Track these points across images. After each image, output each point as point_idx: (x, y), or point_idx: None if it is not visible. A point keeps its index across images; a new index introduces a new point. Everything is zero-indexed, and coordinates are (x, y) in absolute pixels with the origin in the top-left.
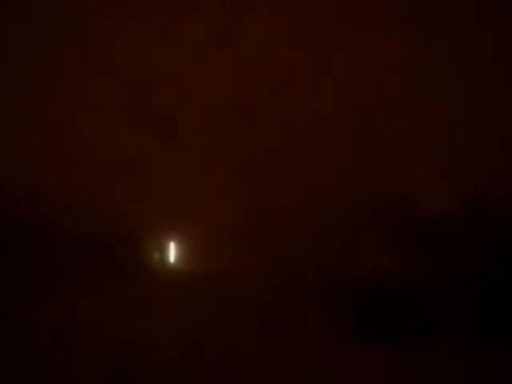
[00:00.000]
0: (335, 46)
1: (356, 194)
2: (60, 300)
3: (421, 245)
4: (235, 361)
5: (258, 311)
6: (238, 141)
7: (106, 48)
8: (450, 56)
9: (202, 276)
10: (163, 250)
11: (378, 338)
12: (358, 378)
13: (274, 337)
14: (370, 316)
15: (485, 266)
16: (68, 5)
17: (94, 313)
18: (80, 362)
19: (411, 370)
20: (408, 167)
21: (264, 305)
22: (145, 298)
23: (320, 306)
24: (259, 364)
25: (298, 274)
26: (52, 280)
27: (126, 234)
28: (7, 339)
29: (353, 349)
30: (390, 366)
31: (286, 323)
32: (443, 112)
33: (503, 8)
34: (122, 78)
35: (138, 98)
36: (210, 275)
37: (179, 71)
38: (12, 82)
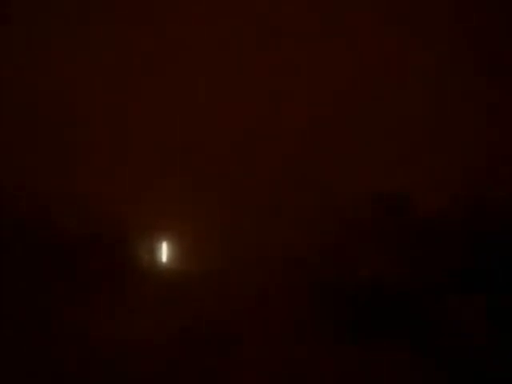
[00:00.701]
0: (334, 45)
1: (356, 194)
2: (60, 300)
3: (420, 245)
4: (234, 361)
5: (256, 311)
6: (238, 141)
7: (106, 49)
8: (451, 56)
9: (201, 275)
10: (162, 250)
11: (377, 338)
12: (357, 378)
13: (272, 336)
14: (370, 316)
15: (485, 266)
16: (68, 5)
17: (93, 312)
18: (80, 361)
19: (410, 370)
20: (408, 167)
21: (262, 304)
22: (145, 297)
23: (319, 307)
24: (258, 363)
25: (296, 273)
26: (51, 280)
27: (125, 234)
28: (7, 339)
29: (351, 349)
30: (389, 366)
31: (284, 323)
32: (443, 112)
33: (503, 8)
34: (122, 78)
35: (138, 98)
36: (210, 274)
37: (179, 72)
38: (11, 82)
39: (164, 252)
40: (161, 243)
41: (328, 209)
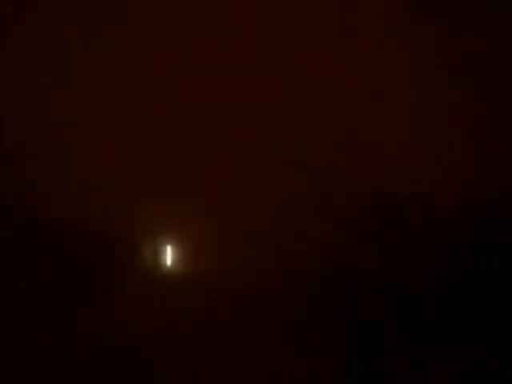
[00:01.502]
0: (336, 45)
1: (355, 194)
2: (59, 300)
3: (420, 245)
4: (234, 361)
5: (256, 311)
6: (239, 141)
7: (106, 49)
8: (452, 57)
9: (201, 275)
10: (162, 250)
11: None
12: None
13: (272, 336)
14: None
15: (485, 266)
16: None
17: (93, 312)
18: (79, 360)
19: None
20: (408, 167)
21: (262, 304)
22: (145, 297)
23: (319, 307)
24: (258, 363)
25: (296, 274)
26: (50, 280)
27: (125, 234)
28: (7, 339)
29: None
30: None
31: (284, 323)
32: (444, 112)
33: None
34: (121, 79)
35: (138, 99)
36: (210, 274)
37: (179, 72)
38: (11, 83)
39: (164, 252)
40: (161, 243)
41: (328, 209)
